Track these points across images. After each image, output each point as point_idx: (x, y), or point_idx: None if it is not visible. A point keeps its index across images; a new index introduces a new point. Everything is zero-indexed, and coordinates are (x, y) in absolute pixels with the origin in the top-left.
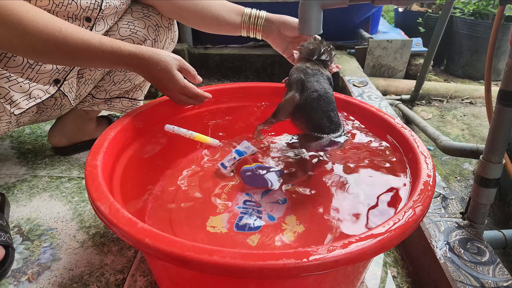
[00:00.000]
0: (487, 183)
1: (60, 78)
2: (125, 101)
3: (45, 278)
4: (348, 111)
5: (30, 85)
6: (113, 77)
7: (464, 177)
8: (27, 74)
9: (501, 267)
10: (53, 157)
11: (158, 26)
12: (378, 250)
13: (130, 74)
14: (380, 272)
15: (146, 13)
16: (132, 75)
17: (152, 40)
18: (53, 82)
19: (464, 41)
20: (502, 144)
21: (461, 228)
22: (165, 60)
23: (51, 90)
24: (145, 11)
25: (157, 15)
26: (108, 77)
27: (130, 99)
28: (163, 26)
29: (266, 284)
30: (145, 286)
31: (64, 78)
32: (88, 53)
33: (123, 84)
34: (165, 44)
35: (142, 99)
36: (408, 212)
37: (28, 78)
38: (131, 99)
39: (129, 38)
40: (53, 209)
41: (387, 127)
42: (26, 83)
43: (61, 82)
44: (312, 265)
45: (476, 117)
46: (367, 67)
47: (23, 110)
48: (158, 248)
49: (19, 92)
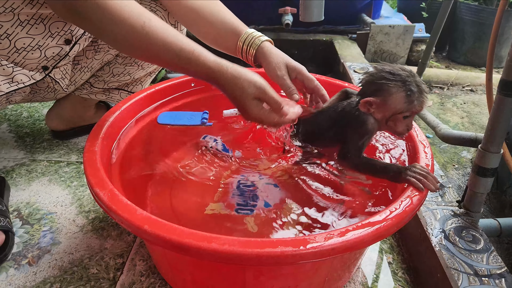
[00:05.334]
0: (484, 172)
1: (49, 65)
2: (124, 93)
3: (45, 262)
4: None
5: (14, 69)
6: (112, 68)
7: (462, 165)
8: (13, 58)
9: (495, 255)
10: (51, 141)
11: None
12: (374, 238)
13: (130, 68)
14: (376, 258)
15: (153, 7)
16: (132, 69)
17: None
18: (41, 69)
19: (467, 27)
20: (501, 134)
21: (457, 216)
22: (242, 87)
23: (37, 76)
24: (152, 5)
25: (164, 11)
26: (107, 68)
27: (129, 92)
28: (168, 22)
29: (264, 271)
30: (145, 270)
31: (54, 65)
32: (166, 57)
33: (122, 77)
34: None
35: None
36: (405, 201)
37: (13, 62)
38: (130, 92)
39: None
40: (52, 193)
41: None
42: (10, 66)
43: (49, 69)
44: (309, 253)
45: (476, 105)
46: (368, 53)
47: (2, 94)
48: (157, 235)
49: (1, 75)
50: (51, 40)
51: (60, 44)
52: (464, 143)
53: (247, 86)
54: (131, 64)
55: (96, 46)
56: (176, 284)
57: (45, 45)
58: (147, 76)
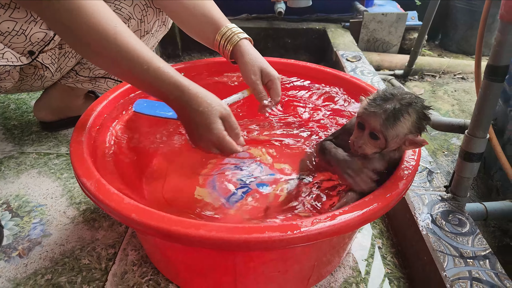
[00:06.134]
0: (470, 157)
1: (35, 50)
2: (111, 82)
3: (36, 253)
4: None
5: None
6: None
7: (452, 152)
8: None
9: (480, 237)
10: (40, 133)
11: (148, 6)
12: (361, 222)
13: None
14: (366, 243)
15: None
16: None
17: (138, 20)
18: (27, 53)
19: (460, 15)
20: (487, 119)
21: (444, 201)
22: (210, 103)
23: (23, 60)
24: None
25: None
26: None
27: (116, 80)
28: (152, 6)
29: (254, 257)
30: (137, 260)
31: (40, 50)
32: (131, 66)
33: None
34: (154, 27)
35: None
36: (391, 186)
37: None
38: (117, 80)
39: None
40: (42, 185)
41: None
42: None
43: (36, 54)
44: (296, 237)
45: (467, 93)
46: (361, 41)
47: None
48: (145, 223)
49: None
50: (34, 24)
51: (43, 29)
52: (453, 129)
53: (215, 103)
54: None
55: None
56: (168, 272)
57: (29, 30)
58: None
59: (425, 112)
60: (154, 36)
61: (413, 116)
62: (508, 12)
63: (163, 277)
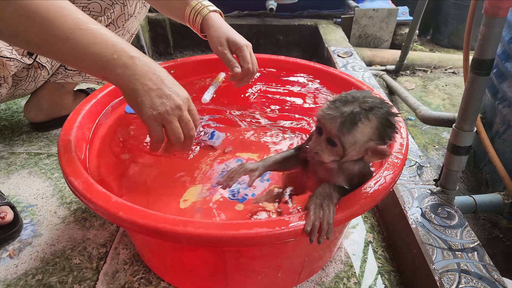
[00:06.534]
0: (458, 150)
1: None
2: None
3: (27, 254)
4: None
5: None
6: None
7: (442, 146)
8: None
9: (468, 230)
10: (30, 133)
11: None
12: (348, 216)
13: None
14: (357, 238)
15: None
16: None
17: (121, 4)
18: (27, 54)
19: (451, 9)
20: (474, 112)
21: (433, 194)
22: (171, 76)
23: (26, 60)
24: None
25: None
26: None
27: None
28: None
29: (244, 253)
30: (128, 259)
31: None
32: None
33: None
34: (136, 9)
35: None
36: (379, 180)
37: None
38: None
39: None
40: (33, 185)
41: None
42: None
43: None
44: (284, 233)
45: (458, 87)
46: (353, 37)
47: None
48: (132, 221)
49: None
50: None
51: None
52: (443, 123)
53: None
54: None
55: None
56: (159, 270)
57: None
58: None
59: (390, 119)
60: (137, 18)
61: (374, 122)
62: (492, 6)
63: (154, 275)
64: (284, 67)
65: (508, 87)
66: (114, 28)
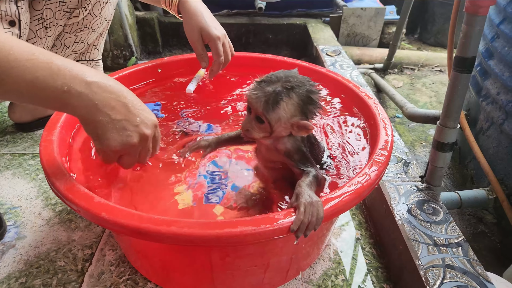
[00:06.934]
0: (443, 147)
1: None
2: (84, 63)
3: (10, 257)
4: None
5: None
6: (64, 40)
7: (429, 143)
8: None
9: (453, 225)
10: (15, 133)
11: None
12: (333, 213)
13: (81, 34)
14: (345, 235)
15: None
16: (83, 35)
17: None
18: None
19: (437, 8)
20: (457, 109)
21: (419, 190)
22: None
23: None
24: None
25: None
26: (59, 42)
27: (88, 61)
28: None
29: (230, 252)
30: (114, 260)
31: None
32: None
33: (76, 46)
34: None
35: (100, 58)
36: (363, 177)
37: None
38: (89, 60)
39: None
40: (16, 187)
41: (352, 95)
42: None
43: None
44: (269, 230)
45: (444, 85)
46: (342, 36)
47: None
48: (115, 222)
49: None
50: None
51: (7, 29)
52: (429, 120)
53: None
54: (81, 29)
55: (44, 22)
56: (146, 271)
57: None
58: (99, 38)
59: (311, 96)
60: (111, 4)
61: (295, 99)
62: (473, 4)
63: (141, 276)
64: (272, 65)
65: (491, 85)
66: (92, 18)
